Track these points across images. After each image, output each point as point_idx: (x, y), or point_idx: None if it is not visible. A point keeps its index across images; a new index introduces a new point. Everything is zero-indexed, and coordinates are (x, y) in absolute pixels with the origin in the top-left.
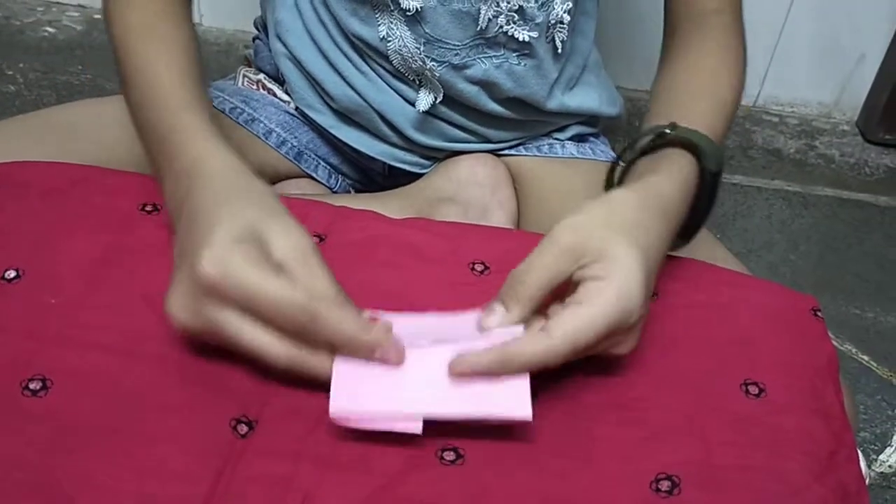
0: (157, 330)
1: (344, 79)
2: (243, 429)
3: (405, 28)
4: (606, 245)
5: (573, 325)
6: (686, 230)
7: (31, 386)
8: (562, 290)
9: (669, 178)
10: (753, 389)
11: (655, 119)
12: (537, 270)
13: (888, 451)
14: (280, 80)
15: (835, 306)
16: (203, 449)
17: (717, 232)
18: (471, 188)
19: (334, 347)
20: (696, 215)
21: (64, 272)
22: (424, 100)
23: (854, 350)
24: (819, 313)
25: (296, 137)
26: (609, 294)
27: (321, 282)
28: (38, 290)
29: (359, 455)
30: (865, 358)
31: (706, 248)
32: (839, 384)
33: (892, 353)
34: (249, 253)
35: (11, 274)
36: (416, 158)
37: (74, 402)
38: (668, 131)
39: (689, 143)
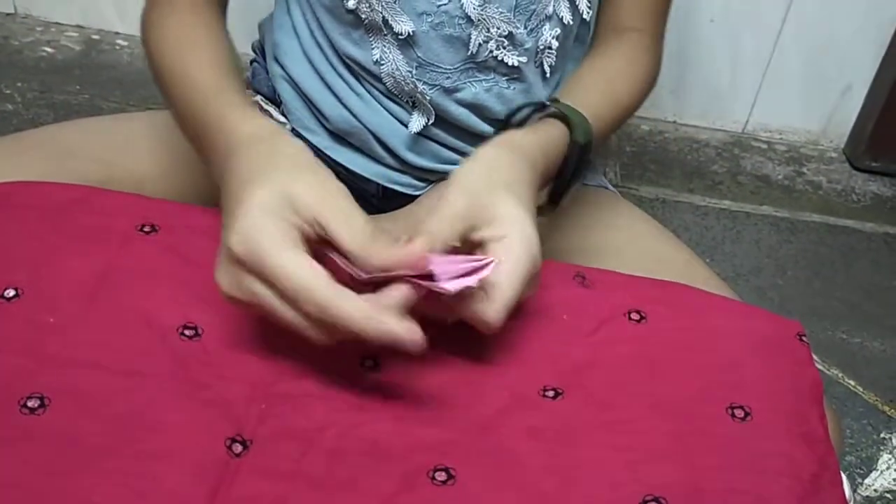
0: (153, 349)
1: (339, 100)
2: (238, 448)
3: (398, 51)
4: (497, 206)
5: (503, 281)
6: (553, 195)
7: (30, 404)
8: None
9: (529, 134)
10: (739, 413)
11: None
12: (438, 231)
13: (874, 475)
14: (276, 102)
15: (822, 331)
16: (198, 468)
17: (705, 257)
18: None
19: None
20: (562, 182)
21: (62, 291)
22: (417, 121)
23: (841, 375)
24: (804, 338)
25: None
26: (517, 248)
27: (352, 227)
28: (37, 309)
29: (352, 476)
30: (852, 383)
31: (694, 272)
32: (823, 408)
33: (879, 378)
34: (274, 227)
35: (10, 293)
36: (409, 180)
37: (72, 420)
38: (545, 103)
39: (561, 116)
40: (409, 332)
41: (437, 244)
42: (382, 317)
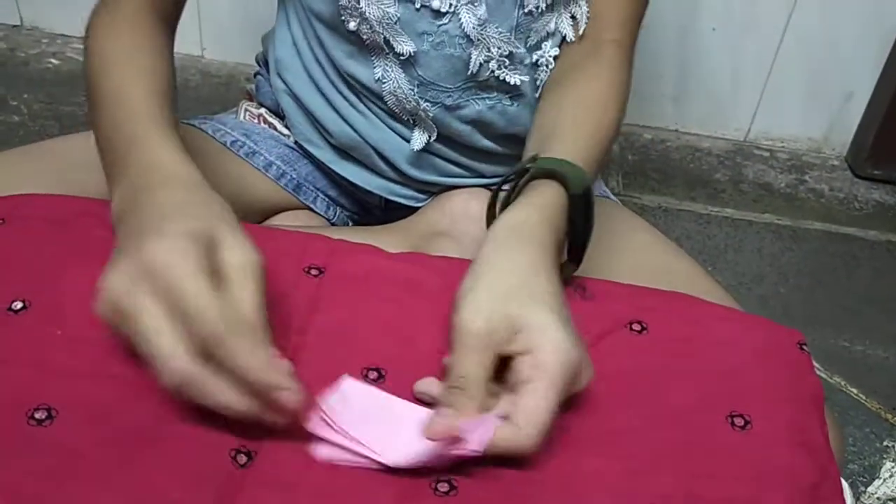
0: None
1: (341, 116)
2: (242, 459)
3: (399, 70)
4: (522, 316)
5: (534, 405)
6: (571, 252)
7: (37, 415)
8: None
9: (528, 213)
10: (739, 422)
11: (531, 152)
12: (472, 373)
13: (876, 483)
14: (281, 114)
15: (824, 339)
16: (203, 479)
17: (708, 265)
18: (464, 222)
19: (235, 378)
20: (576, 237)
21: (69, 303)
22: (418, 139)
23: (843, 383)
24: (805, 347)
25: (295, 170)
26: (549, 362)
27: (248, 304)
28: (44, 321)
29: (355, 487)
30: (854, 391)
31: (696, 281)
32: (824, 417)
33: (881, 385)
34: (194, 253)
35: (18, 305)
36: (411, 192)
37: (79, 431)
38: (528, 167)
39: (551, 173)
40: (293, 392)
41: (472, 387)
42: (274, 371)
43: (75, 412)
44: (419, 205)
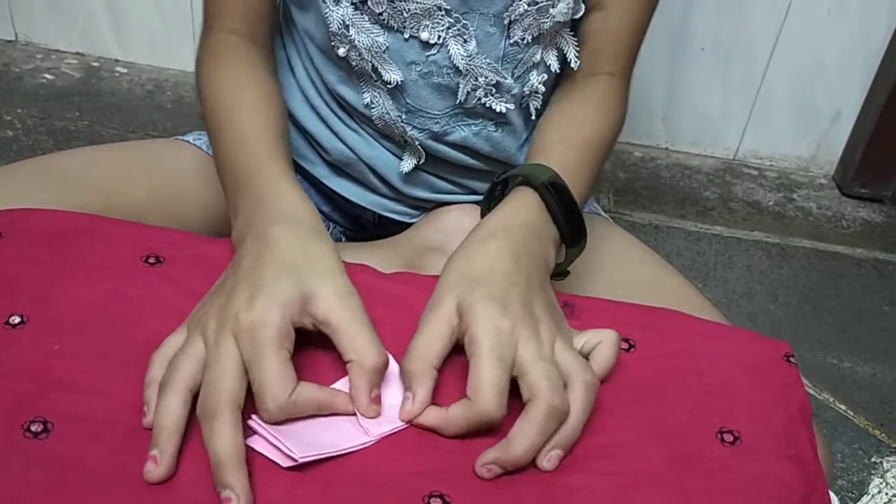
0: None
1: (335, 134)
2: None
3: (387, 98)
4: (462, 301)
5: (475, 374)
6: (569, 238)
7: (33, 428)
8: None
9: (496, 212)
10: (729, 437)
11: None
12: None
13: (865, 499)
14: None
15: (812, 356)
16: (199, 495)
17: (698, 282)
18: (457, 238)
19: None
20: (568, 223)
21: (67, 319)
22: (408, 163)
23: (831, 399)
24: (792, 359)
25: None
26: (476, 332)
27: (363, 343)
28: (42, 336)
29: (348, 502)
30: (843, 407)
31: (686, 298)
32: (812, 429)
33: (869, 402)
34: (279, 323)
35: (16, 319)
36: (405, 209)
37: (74, 446)
38: (496, 179)
39: (514, 176)
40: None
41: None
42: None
43: (72, 426)
44: (412, 221)
